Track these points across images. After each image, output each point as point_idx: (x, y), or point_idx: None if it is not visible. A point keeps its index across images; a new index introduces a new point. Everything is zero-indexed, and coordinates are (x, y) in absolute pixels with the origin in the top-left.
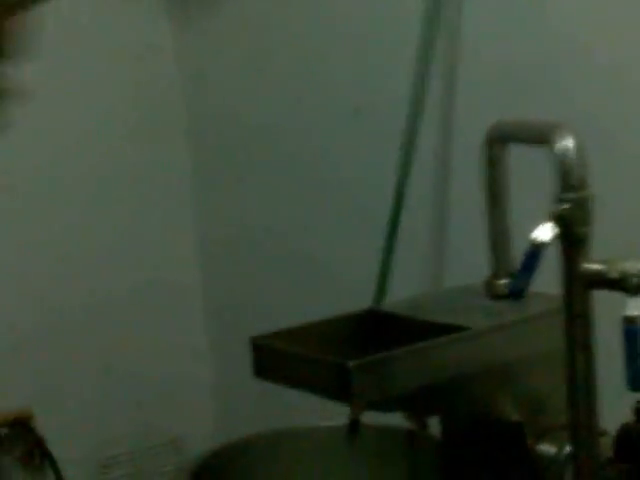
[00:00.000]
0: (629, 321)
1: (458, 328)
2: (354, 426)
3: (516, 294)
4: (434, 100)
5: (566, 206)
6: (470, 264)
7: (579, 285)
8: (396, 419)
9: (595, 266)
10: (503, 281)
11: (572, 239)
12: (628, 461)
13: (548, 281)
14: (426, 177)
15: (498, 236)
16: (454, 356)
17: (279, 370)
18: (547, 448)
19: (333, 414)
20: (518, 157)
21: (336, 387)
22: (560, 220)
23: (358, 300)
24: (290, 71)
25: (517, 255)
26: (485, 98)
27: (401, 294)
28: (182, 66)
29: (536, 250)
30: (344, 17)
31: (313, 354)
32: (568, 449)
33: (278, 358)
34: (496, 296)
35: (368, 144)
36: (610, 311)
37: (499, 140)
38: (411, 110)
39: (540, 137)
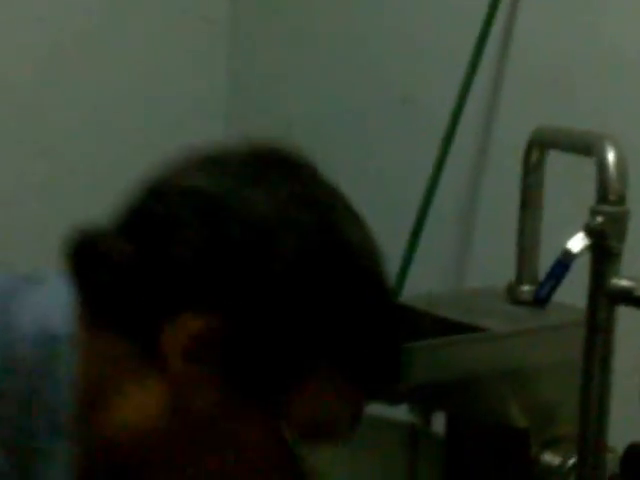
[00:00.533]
0: None
1: (475, 328)
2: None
3: (540, 301)
4: (479, 97)
5: (601, 219)
6: (493, 266)
7: (605, 299)
8: (399, 413)
9: (623, 282)
10: (526, 287)
11: (604, 252)
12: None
13: (572, 293)
14: (460, 175)
15: (527, 242)
16: (469, 356)
17: None
18: (551, 458)
19: None
20: (558, 164)
21: None
22: (593, 232)
23: None
24: (338, 57)
25: (543, 263)
26: (530, 101)
27: (420, 290)
28: (233, 42)
29: (566, 259)
30: (396, 4)
31: None
32: (572, 461)
33: None
34: (517, 301)
35: (413, 135)
36: (632, 327)
37: (539, 145)
38: (455, 106)
39: (582, 147)
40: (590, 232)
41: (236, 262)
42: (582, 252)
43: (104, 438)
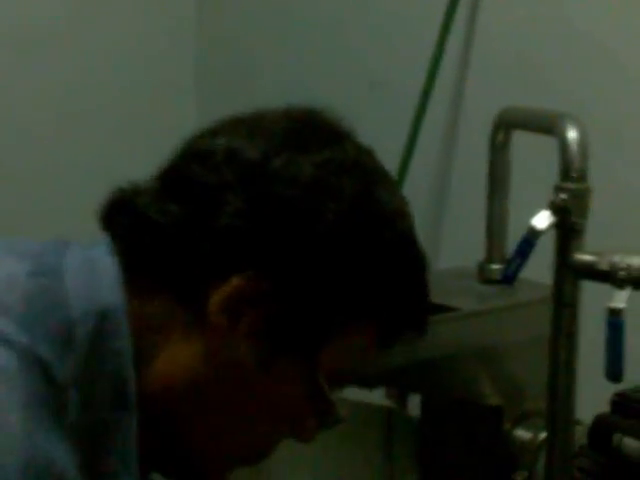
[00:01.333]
0: (613, 313)
1: (447, 308)
2: None
3: (508, 279)
4: (446, 80)
5: (564, 196)
6: (466, 246)
7: (570, 275)
8: (374, 395)
9: (586, 257)
10: (496, 266)
11: (567, 229)
12: (601, 451)
13: (540, 270)
14: (430, 157)
15: (495, 221)
16: (441, 336)
17: None
18: (523, 433)
19: None
20: (524, 144)
21: None
22: (557, 209)
23: None
24: (308, 43)
25: (512, 242)
26: (495, 84)
27: None
28: (201, 26)
29: (531, 237)
30: None
31: None
32: (543, 435)
33: None
34: (488, 280)
35: (382, 119)
36: (597, 302)
37: (505, 126)
38: (423, 89)
39: (545, 126)
40: (554, 209)
41: (280, 223)
42: (547, 229)
43: (153, 394)
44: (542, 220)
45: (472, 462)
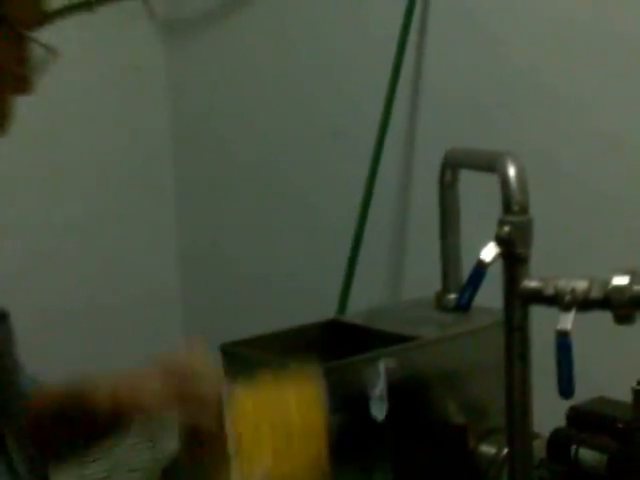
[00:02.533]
0: (562, 334)
1: (409, 338)
2: None
3: (462, 307)
4: (399, 129)
5: (507, 229)
6: (426, 278)
7: (518, 300)
8: None
9: (533, 283)
10: (452, 295)
11: (512, 258)
12: (559, 462)
13: (494, 296)
14: (388, 197)
15: (449, 253)
16: (404, 363)
17: (247, 375)
18: (487, 449)
19: None
20: (472, 181)
21: None
22: (502, 241)
23: (324, 311)
24: (273, 95)
25: (467, 271)
26: (445, 128)
27: (363, 305)
28: (170, 85)
29: (480, 268)
30: (322, 44)
31: (278, 360)
32: (506, 450)
33: (246, 363)
34: (445, 309)
35: (343, 163)
36: (547, 324)
37: (452, 166)
38: (377, 135)
39: (487, 164)
40: (499, 241)
41: None
42: (494, 260)
43: None
44: (489, 252)
45: (440, 478)
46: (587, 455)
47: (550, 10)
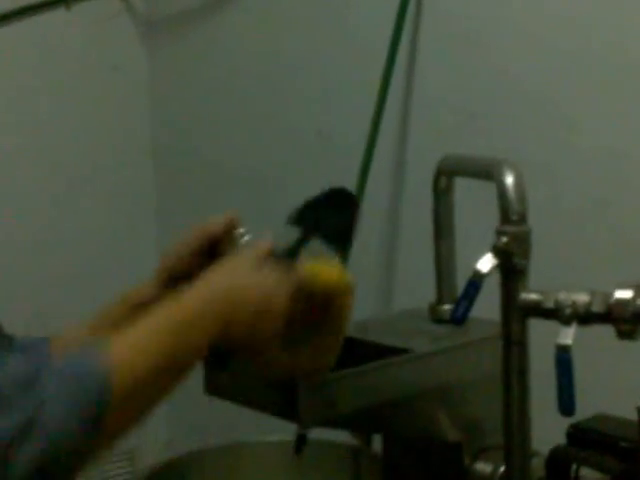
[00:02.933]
0: (561, 349)
1: (402, 350)
2: (300, 441)
3: (457, 320)
4: (389, 134)
5: (505, 239)
6: (419, 289)
7: (517, 314)
8: (342, 435)
9: (532, 296)
10: (446, 307)
11: (510, 270)
12: None
13: (491, 308)
14: (378, 204)
15: (443, 263)
16: (397, 377)
17: (230, 389)
18: (483, 467)
19: (286, 428)
20: (467, 189)
21: (284, 407)
22: (499, 252)
23: None
24: (254, 95)
25: (461, 282)
26: (437, 132)
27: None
28: (151, 87)
29: (477, 280)
30: (309, 46)
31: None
32: (503, 468)
33: (229, 377)
34: (439, 321)
35: (329, 165)
36: (547, 338)
37: (446, 173)
38: (368, 139)
39: (483, 172)
40: (496, 252)
41: None
42: (491, 271)
43: None
44: (485, 263)
45: None
46: (588, 475)
47: (548, 16)
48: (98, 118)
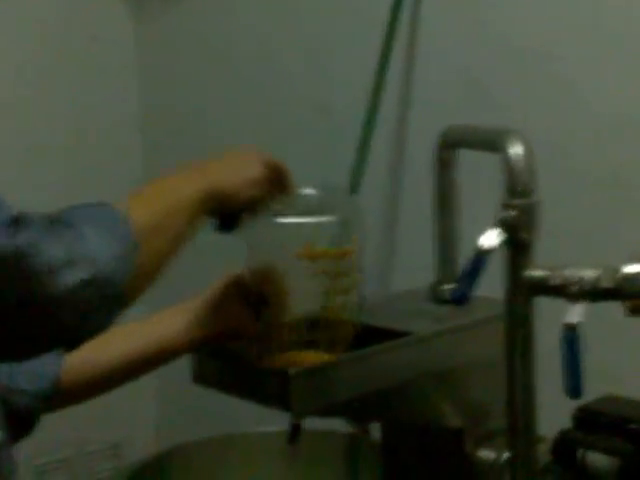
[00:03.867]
0: (569, 328)
1: (402, 333)
2: (295, 431)
3: (459, 300)
4: (390, 103)
5: (512, 212)
6: (418, 267)
7: (522, 291)
8: (338, 423)
9: (538, 273)
10: (448, 286)
11: (517, 245)
12: (565, 467)
13: (494, 286)
14: (378, 180)
15: (445, 241)
16: (395, 362)
17: (219, 377)
18: (486, 454)
19: (276, 420)
20: (469, 162)
21: (276, 395)
22: (506, 226)
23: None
24: (250, 68)
25: (463, 260)
26: (439, 103)
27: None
28: (138, 54)
29: (481, 256)
30: (306, 16)
31: (257, 361)
32: (506, 455)
33: (218, 365)
34: (441, 301)
35: (327, 141)
36: (551, 318)
37: (450, 145)
38: (367, 113)
39: (490, 143)
40: (503, 226)
41: None
42: (496, 247)
43: None
44: (490, 238)
45: None
46: (597, 459)
47: None
48: (83, 91)
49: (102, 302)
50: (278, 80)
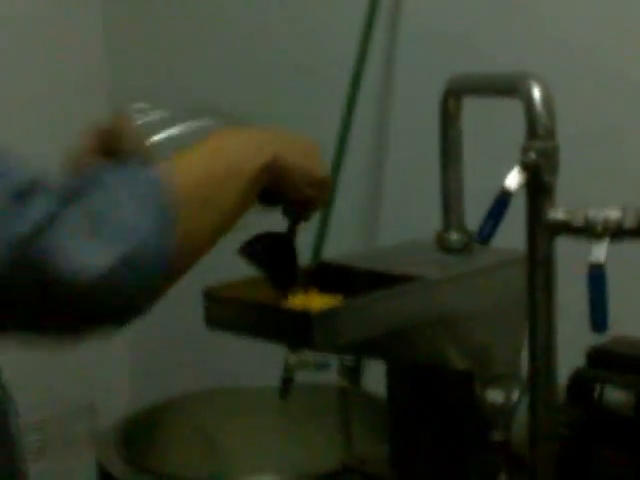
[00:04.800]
0: (595, 266)
1: (409, 278)
2: (286, 385)
3: (483, 239)
4: (376, 59)
5: (533, 155)
6: (406, 219)
7: (544, 232)
8: (327, 377)
9: (560, 214)
10: (454, 235)
11: (538, 187)
12: (581, 405)
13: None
14: (366, 134)
15: (451, 190)
16: (409, 305)
17: (235, 320)
18: (495, 395)
19: (254, 379)
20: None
21: (299, 336)
22: (528, 168)
23: None
24: (233, 27)
25: (468, 210)
26: (426, 56)
27: (337, 249)
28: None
29: (505, 197)
30: None
31: (275, 304)
32: (516, 396)
33: (235, 308)
34: (447, 249)
35: (309, 100)
36: (566, 263)
37: (456, 94)
38: (354, 66)
39: (507, 87)
40: (525, 168)
41: None
42: (518, 188)
43: None
44: (513, 180)
45: (444, 428)
46: (613, 395)
47: None
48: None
49: (139, 283)
50: (260, 39)
